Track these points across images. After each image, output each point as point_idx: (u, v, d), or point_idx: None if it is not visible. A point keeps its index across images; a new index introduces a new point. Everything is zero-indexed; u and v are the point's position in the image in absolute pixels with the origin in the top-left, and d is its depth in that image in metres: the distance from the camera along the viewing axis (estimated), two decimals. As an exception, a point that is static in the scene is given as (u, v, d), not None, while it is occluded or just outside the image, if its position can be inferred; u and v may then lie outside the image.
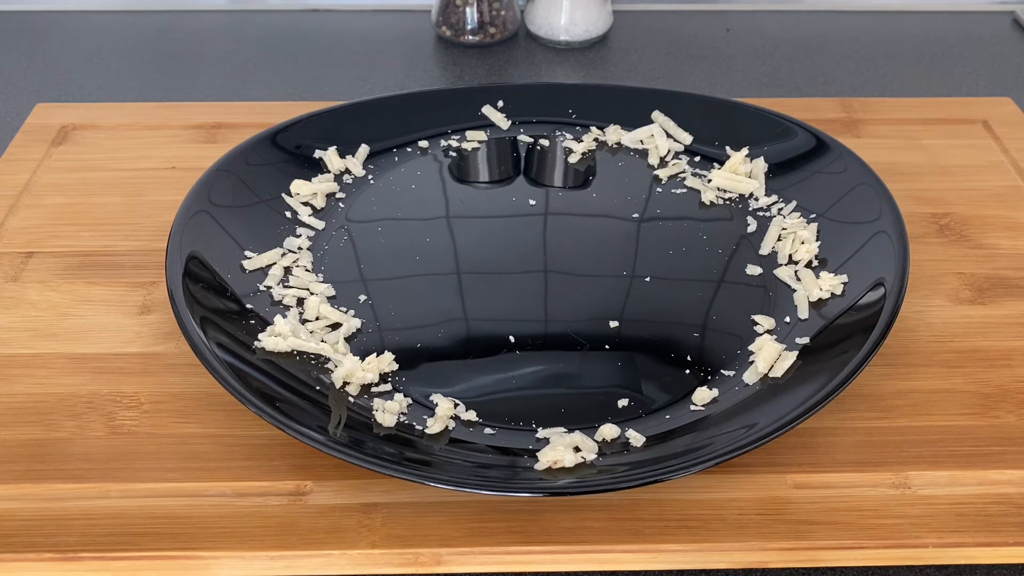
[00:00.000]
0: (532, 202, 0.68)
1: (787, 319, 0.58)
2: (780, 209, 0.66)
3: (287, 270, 0.61)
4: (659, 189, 0.69)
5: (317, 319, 0.58)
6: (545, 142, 0.74)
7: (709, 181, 0.69)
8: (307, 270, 0.61)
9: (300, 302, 0.59)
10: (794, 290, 0.60)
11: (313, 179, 0.68)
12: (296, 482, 0.50)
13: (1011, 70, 0.91)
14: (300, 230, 0.65)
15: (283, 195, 0.66)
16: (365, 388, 0.54)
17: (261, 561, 0.47)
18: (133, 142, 0.75)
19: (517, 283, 0.62)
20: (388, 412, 0.52)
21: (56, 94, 0.87)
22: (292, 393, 0.52)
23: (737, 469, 0.50)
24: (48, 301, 0.61)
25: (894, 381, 0.56)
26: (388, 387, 0.54)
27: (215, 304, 0.57)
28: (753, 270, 0.62)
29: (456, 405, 0.53)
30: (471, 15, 0.94)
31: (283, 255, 0.62)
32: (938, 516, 0.49)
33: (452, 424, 0.52)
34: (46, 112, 0.78)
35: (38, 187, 0.70)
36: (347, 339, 0.57)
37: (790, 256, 0.62)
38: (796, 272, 0.61)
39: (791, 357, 0.54)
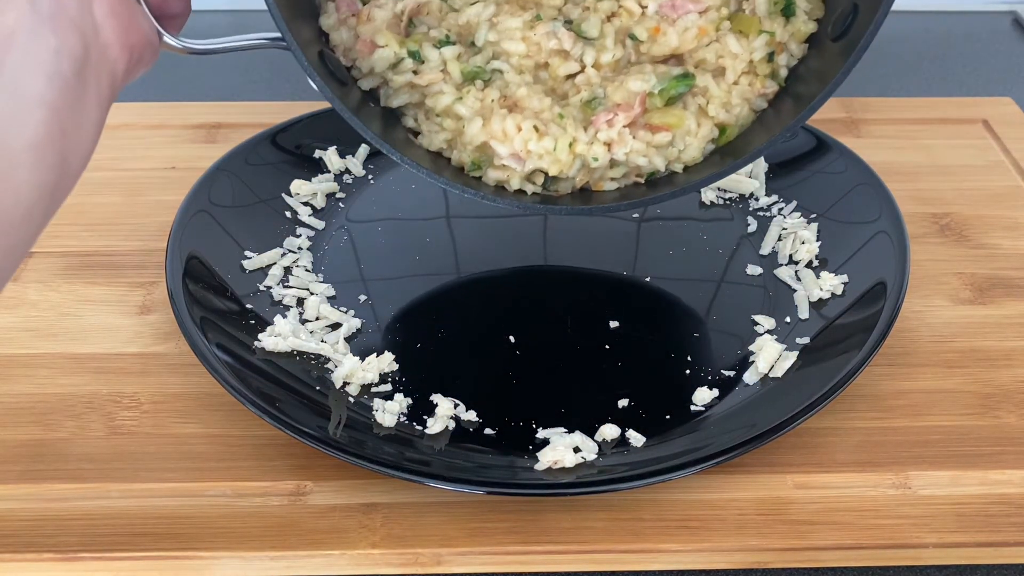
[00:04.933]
0: (532, 202, 0.68)
1: (787, 319, 0.58)
2: (780, 209, 0.66)
3: (287, 270, 0.61)
4: (659, 189, 0.69)
5: (317, 319, 0.58)
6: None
7: (709, 181, 0.69)
8: (307, 270, 0.61)
9: (300, 302, 0.59)
10: (794, 290, 0.60)
11: (313, 179, 0.68)
12: (296, 482, 0.50)
13: (1011, 70, 0.91)
14: (300, 230, 0.65)
15: (283, 195, 0.66)
16: (365, 388, 0.54)
17: (261, 561, 0.47)
18: (133, 142, 0.75)
19: (517, 283, 0.62)
20: (388, 412, 0.52)
21: (56, 94, 0.87)
22: (292, 393, 0.52)
23: (737, 469, 0.50)
24: (48, 301, 0.61)
25: (894, 381, 0.56)
26: (388, 387, 0.54)
27: (215, 304, 0.57)
28: (753, 270, 0.62)
29: (456, 405, 0.53)
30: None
31: (283, 255, 0.62)
32: (938, 516, 0.49)
33: (452, 424, 0.52)
34: (46, 112, 0.78)
35: (38, 187, 0.70)
36: (347, 339, 0.57)
37: (790, 256, 0.62)
38: (796, 272, 0.61)
39: (791, 357, 0.54)
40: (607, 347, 0.57)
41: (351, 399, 0.53)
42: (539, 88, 0.51)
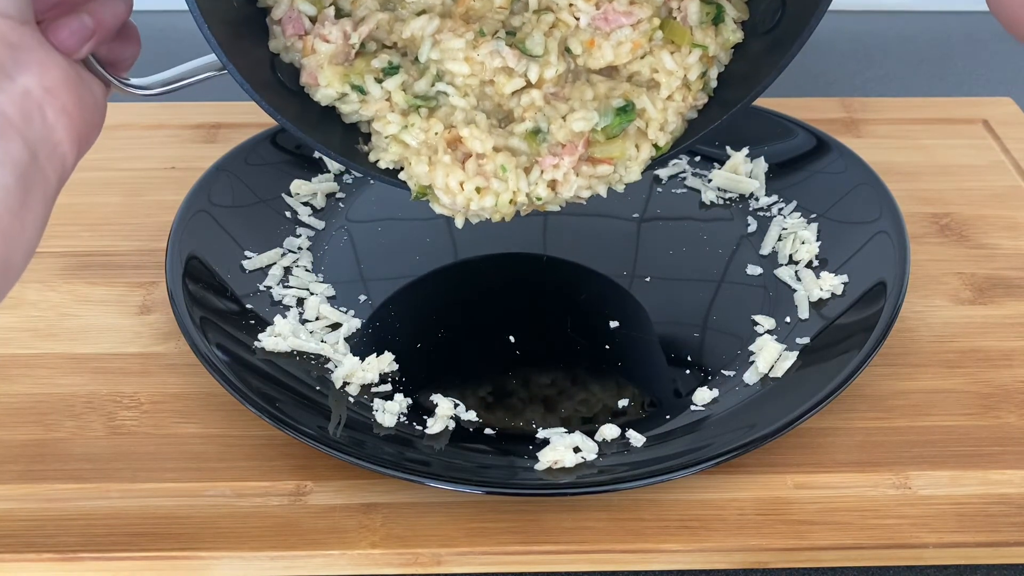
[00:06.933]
0: (532, 202, 0.68)
1: (787, 319, 0.58)
2: (780, 209, 0.66)
3: (287, 270, 0.61)
4: (659, 189, 0.69)
5: (317, 319, 0.58)
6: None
7: (709, 181, 0.69)
8: (307, 270, 0.62)
9: (300, 302, 0.59)
10: (794, 290, 0.60)
11: (313, 179, 0.68)
12: (296, 482, 0.50)
13: (1011, 70, 0.91)
14: (300, 230, 0.65)
15: (283, 195, 0.66)
16: (365, 388, 0.54)
17: (261, 561, 0.47)
18: (132, 142, 0.75)
19: (517, 283, 0.62)
20: (388, 412, 0.52)
21: (56, 94, 0.87)
22: (292, 393, 0.52)
23: (737, 469, 0.50)
24: (48, 301, 0.61)
25: (894, 381, 0.56)
26: (388, 387, 0.54)
27: (215, 304, 0.57)
28: (753, 270, 0.62)
29: (456, 405, 0.53)
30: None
31: (283, 255, 0.62)
32: (938, 516, 0.49)
33: (452, 424, 0.52)
34: (46, 112, 0.78)
35: (38, 187, 0.70)
36: (347, 339, 0.57)
37: (790, 256, 0.62)
38: (796, 272, 0.61)
39: (791, 357, 0.54)
40: (607, 347, 0.57)
41: (351, 399, 0.53)
42: (483, 120, 0.50)
